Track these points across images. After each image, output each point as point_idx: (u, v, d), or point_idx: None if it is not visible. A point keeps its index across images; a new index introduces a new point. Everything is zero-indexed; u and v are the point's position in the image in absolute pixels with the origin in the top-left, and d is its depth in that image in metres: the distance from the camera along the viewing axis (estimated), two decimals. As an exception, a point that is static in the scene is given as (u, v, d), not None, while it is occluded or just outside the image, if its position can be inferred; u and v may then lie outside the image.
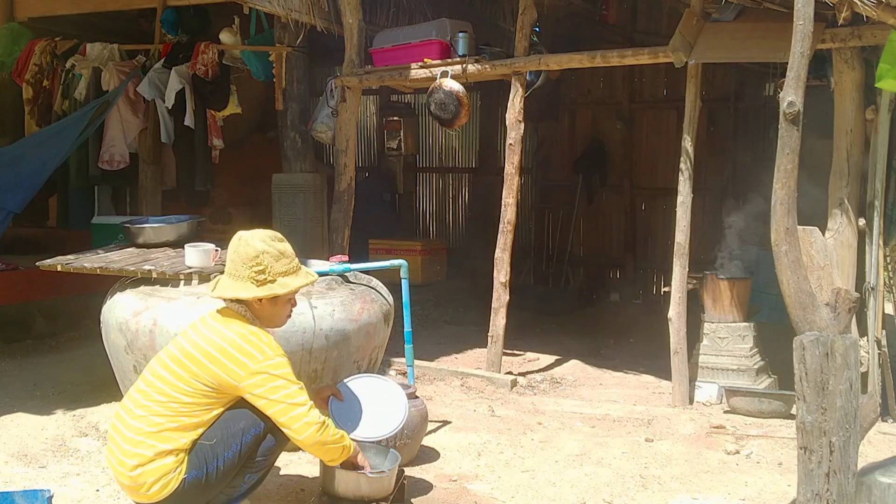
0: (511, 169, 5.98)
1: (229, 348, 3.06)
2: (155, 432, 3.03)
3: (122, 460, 3.06)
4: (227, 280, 3.19)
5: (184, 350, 3.11)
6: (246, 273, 3.13)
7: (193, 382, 3.06)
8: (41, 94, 7.38)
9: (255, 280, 3.13)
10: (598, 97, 9.22)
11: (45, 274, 4.93)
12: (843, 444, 2.63)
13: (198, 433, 3.09)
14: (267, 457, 3.23)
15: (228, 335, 3.10)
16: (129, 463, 3.03)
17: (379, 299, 4.55)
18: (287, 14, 6.24)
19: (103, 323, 4.44)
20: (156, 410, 3.05)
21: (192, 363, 3.07)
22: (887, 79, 4.48)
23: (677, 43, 5.22)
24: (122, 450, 3.07)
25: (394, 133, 9.70)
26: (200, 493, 3.11)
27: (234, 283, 3.15)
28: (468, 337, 7.00)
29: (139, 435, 3.04)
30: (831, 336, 2.68)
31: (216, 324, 3.16)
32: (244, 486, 3.21)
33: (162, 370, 3.12)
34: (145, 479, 3.02)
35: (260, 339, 3.11)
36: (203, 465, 3.07)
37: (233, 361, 3.05)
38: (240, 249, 3.15)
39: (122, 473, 3.07)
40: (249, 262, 3.12)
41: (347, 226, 6.65)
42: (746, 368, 5.45)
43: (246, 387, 3.05)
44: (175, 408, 3.05)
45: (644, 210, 9.06)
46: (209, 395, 3.07)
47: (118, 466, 3.08)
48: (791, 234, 3.05)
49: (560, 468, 4.17)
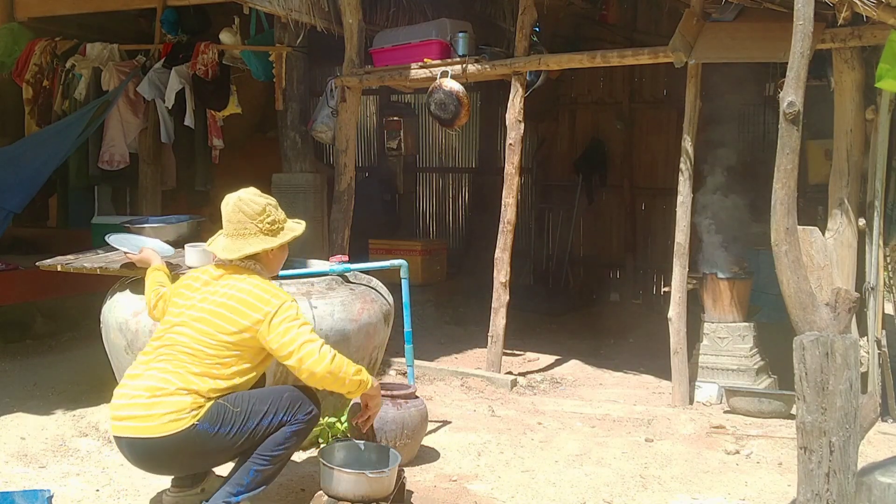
0: (511, 169, 5.98)
1: (248, 298, 3.23)
2: (179, 373, 3.17)
3: (137, 395, 3.16)
4: (233, 240, 3.32)
5: (204, 309, 3.25)
6: (256, 228, 3.30)
7: (217, 335, 3.20)
8: (41, 94, 7.37)
9: (269, 231, 3.33)
10: (598, 97, 9.22)
11: (45, 274, 4.93)
12: (843, 444, 2.63)
13: (218, 385, 3.19)
14: (273, 453, 3.25)
15: (245, 287, 3.26)
16: (147, 393, 3.14)
17: (379, 299, 4.55)
18: (287, 14, 6.24)
19: (103, 323, 4.44)
20: (181, 358, 3.19)
21: (216, 318, 3.22)
22: (887, 79, 4.48)
23: (677, 43, 5.22)
24: (140, 386, 3.18)
25: (394, 133, 9.69)
26: (202, 448, 3.18)
27: (247, 240, 3.31)
28: (468, 337, 7.00)
29: (162, 373, 3.18)
30: (831, 336, 2.68)
31: (229, 280, 3.31)
32: (247, 479, 3.23)
33: (183, 328, 3.24)
34: (161, 409, 3.11)
35: (272, 286, 3.30)
36: (218, 424, 3.16)
37: (252, 309, 3.20)
38: (244, 208, 3.30)
39: (134, 406, 3.14)
40: (258, 217, 3.30)
41: (347, 226, 6.65)
42: (746, 368, 5.45)
43: (264, 331, 3.19)
44: (200, 357, 3.19)
45: (644, 210, 9.06)
46: (230, 347, 3.20)
47: (130, 401, 3.17)
48: (791, 234, 3.06)
49: (560, 468, 4.17)
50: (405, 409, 4.06)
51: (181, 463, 3.30)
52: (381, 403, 3.53)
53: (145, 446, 3.15)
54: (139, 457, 3.22)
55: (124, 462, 4.00)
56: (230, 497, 3.23)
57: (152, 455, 3.19)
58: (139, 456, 3.22)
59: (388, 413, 3.99)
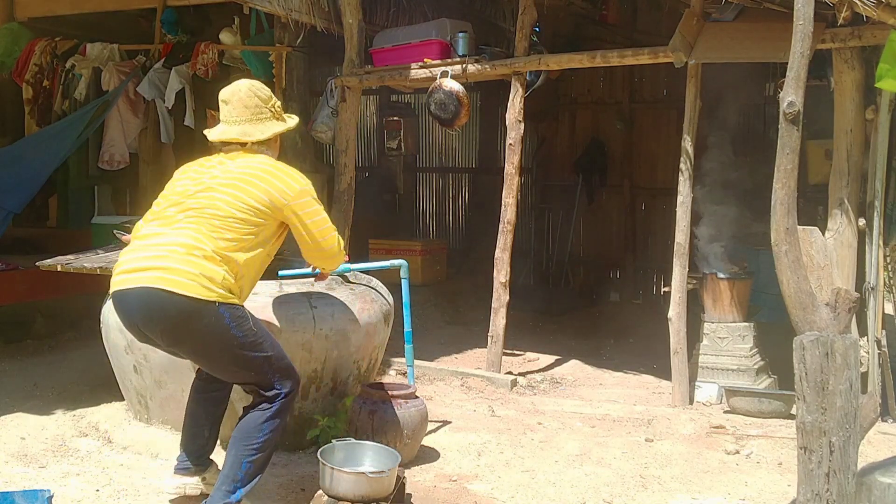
0: (511, 169, 5.98)
1: (276, 171, 3.35)
2: (213, 237, 3.18)
3: (171, 249, 3.14)
4: (253, 125, 3.40)
5: (231, 176, 3.29)
6: (270, 112, 3.45)
7: (249, 201, 3.25)
8: (41, 94, 7.38)
9: (279, 117, 3.48)
10: (598, 97, 9.23)
11: (45, 274, 4.93)
12: (843, 444, 2.63)
13: (243, 260, 3.21)
14: (260, 440, 3.24)
15: (269, 162, 3.39)
16: (183, 249, 3.14)
17: (379, 299, 4.55)
18: (287, 14, 6.24)
19: (103, 323, 4.44)
20: (213, 224, 3.20)
21: (247, 185, 3.27)
22: (887, 79, 4.47)
23: (677, 43, 5.22)
24: (173, 242, 3.17)
25: (394, 133, 9.69)
26: (210, 331, 3.16)
27: (265, 124, 3.43)
28: (468, 337, 7.00)
29: (196, 233, 3.18)
30: (831, 336, 2.68)
31: (247, 158, 3.38)
32: (241, 473, 3.22)
33: (212, 193, 3.26)
34: (197, 269, 3.12)
35: (291, 168, 3.44)
36: (236, 322, 3.19)
37: (282, 182, 3.32)
38: (259, 94, 3.43)
39: (166, 258, 3.12)
40: (269, 102, 3.45)
41: (347, 226, 6.64)
42: (746, 368, 5.45)
43: (294, 206, 3.32)
44: (230, 223, 3.22)
45: (644, 210, 9.06)
46: (259, 215, 3.26)
47: (161, 253, 3.15)
48: (791, 234, 3.05)
49: (560, 468, 4.17)
50: (405, 409, 4.05)
51: (183, 334, 3.21)
52: None
53: (163, 301, 3.09)
54: (148, 311, 3.15)
55: (124, 462, 4.03)
56: (229, 497, 3.21)
57: (164, 313, 3.13)
58: (149, 310, 3.15)
59: (388, 413, 4.00)
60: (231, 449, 3.28)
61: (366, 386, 4.18)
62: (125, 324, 3.32)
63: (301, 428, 4.25)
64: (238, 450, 3.25)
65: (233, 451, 3.26)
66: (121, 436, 4.34)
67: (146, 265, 3.16)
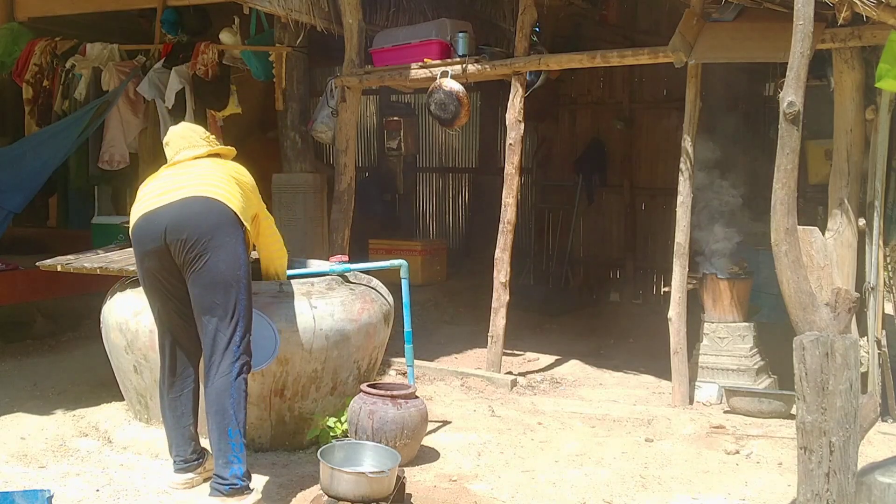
0: (511, 169, 5.98)
1: (241, 168, 3.85)
2: (232, 184, 3.65)
3: (208, 180, 3.62)
4: (194, 150, 3.83)
5: (223, 171, 3.72)
6: (205, 143, 3.88)
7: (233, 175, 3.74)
8: (41, 94, 7.38)
9: (211, 143, 3.92)
10: (598, 97, 9.21)
11: (45, 274, 4.93)
12: (843, 444, 2.63)
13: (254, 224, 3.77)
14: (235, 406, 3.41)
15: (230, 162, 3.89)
16: (221, 181, 3.63)
17: (379, 299, 4.55)
18: (287, 14, 6.24)
19: (103, 323, 4.44)
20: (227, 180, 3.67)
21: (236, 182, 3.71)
22: (887, 79, 4.48)
23: (677, 43, 5.22)
24: (205, 180, 3.62)
25: (394, 133, 9.68)
26: (223, 254, 3.44)
27: (202, 150, 3.86)
28: (468, 337, 6.99)
29: (216, 178, 3.64)
30: (831, 336, 2.68)
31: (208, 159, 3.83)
32: (233, 443, 3.38)
33: (198, 168, 3.70)
34: (236, 192, 3.60)
35: None
36: (244, 254, 3.52)
37: (247, 177, 3.83)
38: (196, 130, 3.95)
39: (207, 185, 3.58)
40: (203, 135, 3.91)
41: (347, 226, 6.65)
42: (746, 368, 5.45)
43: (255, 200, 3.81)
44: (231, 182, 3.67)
45: (644, 210, 9.05)
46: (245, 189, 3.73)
47: (202, 181, 3.62)
48: (791, 234, 3.05)
49: (560, 468, 4.17)
50: (405, 409, 4.06)
51: (208, 244, 3.42)
52: None
53: (205, 205, 3.47)
54: (184, 217, 3.44)
55: (124, 462, 4.04)
56: (238, 481, 3.34)
57: (200, 219, 3.43)
58: (186, 216, 3.44)
59: (388, 413, 4.00)
60: (210, 425, 3.41)
61: (366, 386, 4.18)
62: (144, 246, 3.51)
63: (301, 428, 4.25)
64: (216, 422, 3.38)
65: (213, 425, 3.40)
66: (121, 436, 4.34)
67: (183, 185, 3.54)
